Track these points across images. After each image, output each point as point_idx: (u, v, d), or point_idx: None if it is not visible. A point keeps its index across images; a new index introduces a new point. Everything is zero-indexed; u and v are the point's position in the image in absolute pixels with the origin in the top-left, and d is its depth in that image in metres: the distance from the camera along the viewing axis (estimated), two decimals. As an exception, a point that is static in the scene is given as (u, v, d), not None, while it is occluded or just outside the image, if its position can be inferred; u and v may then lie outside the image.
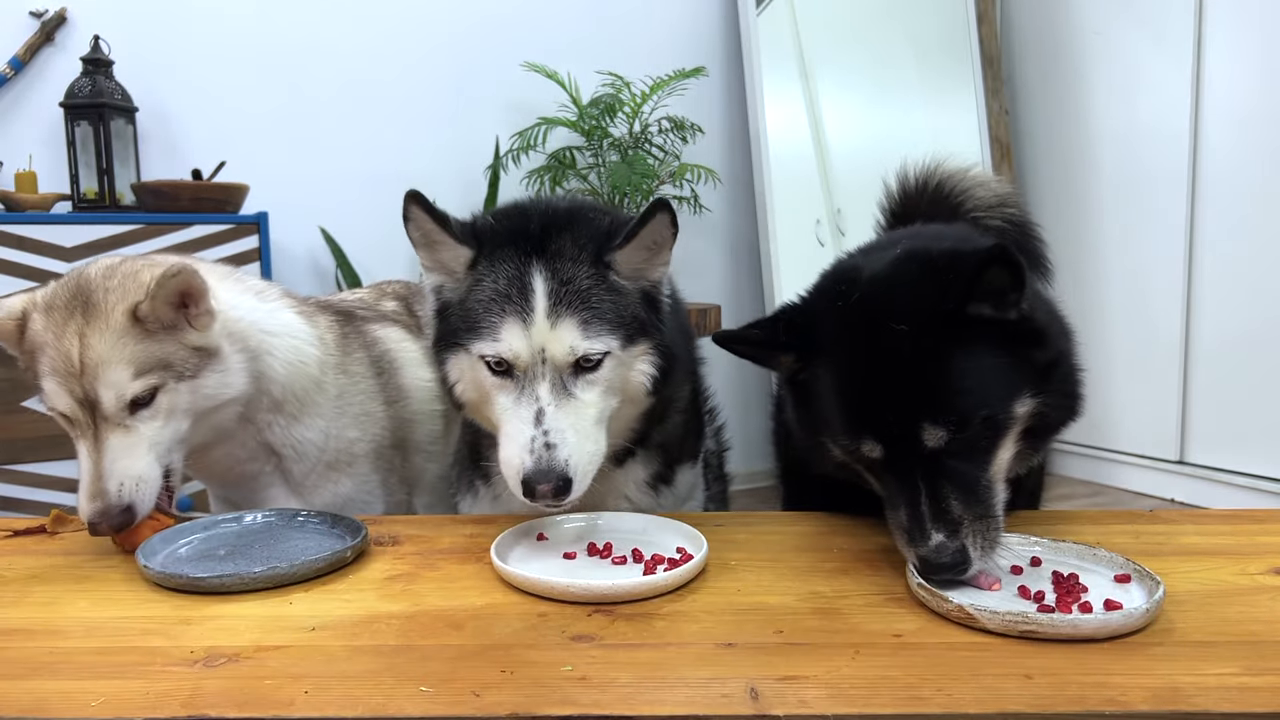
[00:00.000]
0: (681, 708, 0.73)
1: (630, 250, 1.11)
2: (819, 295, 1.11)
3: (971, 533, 0.94)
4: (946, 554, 0.92)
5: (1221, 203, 3.11)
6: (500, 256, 1.11)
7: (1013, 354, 0.99)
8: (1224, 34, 3.08)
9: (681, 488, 1.40)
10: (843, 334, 1.03)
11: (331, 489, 1.46)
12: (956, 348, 0.97)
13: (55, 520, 1.28)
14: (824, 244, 3.62)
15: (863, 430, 0.99)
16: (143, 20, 2.94)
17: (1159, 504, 3.24)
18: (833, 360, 1.04)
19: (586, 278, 1.09)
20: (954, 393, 0.96)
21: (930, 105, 3.81)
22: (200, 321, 1.25)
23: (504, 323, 1.08)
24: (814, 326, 1.06)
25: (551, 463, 1.03)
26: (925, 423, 0.95)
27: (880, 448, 0.99)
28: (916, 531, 0.95)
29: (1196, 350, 3.21)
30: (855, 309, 1.03)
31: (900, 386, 0.97)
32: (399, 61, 3.28)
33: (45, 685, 0.80)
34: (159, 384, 1.21)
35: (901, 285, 1.02)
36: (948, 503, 0.95)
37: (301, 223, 3.15)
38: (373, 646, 0.86)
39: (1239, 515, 1.26)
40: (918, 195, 1.51)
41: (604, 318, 1.09)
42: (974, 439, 0.97)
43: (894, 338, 0.97)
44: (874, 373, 0.99)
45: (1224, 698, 0.73)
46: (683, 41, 3.61)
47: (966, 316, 0.97)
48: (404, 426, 1.57)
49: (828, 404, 1.04)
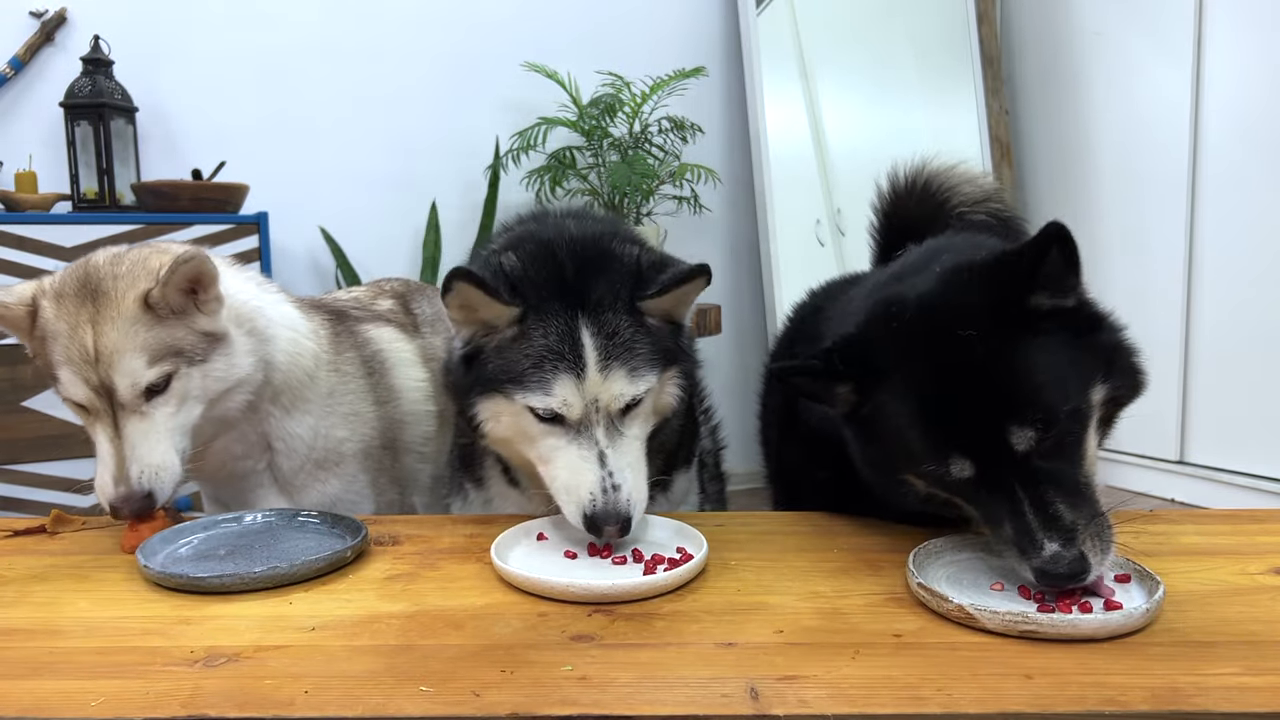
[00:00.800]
0: (681, 708, 0.73)
1: (663, 300, 1.15)
2: (868, 324, 1.06)
3: (1087, 536, 0.89)
4: (1064, 563, 0.87)
5: (1221, 203, 3.11)
6: (546, 310, 1.12)
7: (1079, 342, 0.96)
8: (1224, 34, 3.08)
9: (676, 492, 1.41)
10: (905, 355, 0.99)
11: (319, 488, 1.45)
12: (1027, 343, 0.93)
13: (55, 520, 1.28)
14: (824, 244, 3.62)
15: (948, 450, 0.94)
16: (143, 20, 2.94)
17: (1159, 504, 3.24)
18: (899, 385, 0.99)
19: (627, 326, 1.13)
20: (1034, 389, 0.92)
21: (930, 105, 3.81)
22: (209, 307, 1.26)
23: (557, 378, 1.10)
24: (870, 354, 1.02)
25: (617, 504, 1.08)
26: (1012, 426, 0.90)
27: (970, 464, 0.93)
28: (1027, 543, 0.89)
29: (1196, 350, 3.21)
30: (914, 327, 0.99)
31: (977, 394, 0.93)
32: (399, 61, 3.28)
33: (45, 685, 0.79)
34: (173, 370, 1.21)
35: (956, 293, 0.99)
36: (1054, 508, 0.90)
37: (301, 223, 3.15)
38: (373, 646, 0.86)
39: (1239, 515, 1.26)
40: (907, 194, 1.51)
41: (645, 360, 1.13)
42: (1062, 436, 0.92)
43: (961, 346, 0.94)
44: (946, 387, 0.94)
45: (1224, 698, 0.73)
46: (683, 41, 3.61)
47: (1030, 310, 0.95)
48: (395, 427, 1.57)
49: (901, 433, 0.99)
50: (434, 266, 3.23)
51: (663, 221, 3.33)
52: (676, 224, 3.47)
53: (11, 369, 2.42)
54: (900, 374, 0.99)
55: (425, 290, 1.98)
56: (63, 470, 2.48)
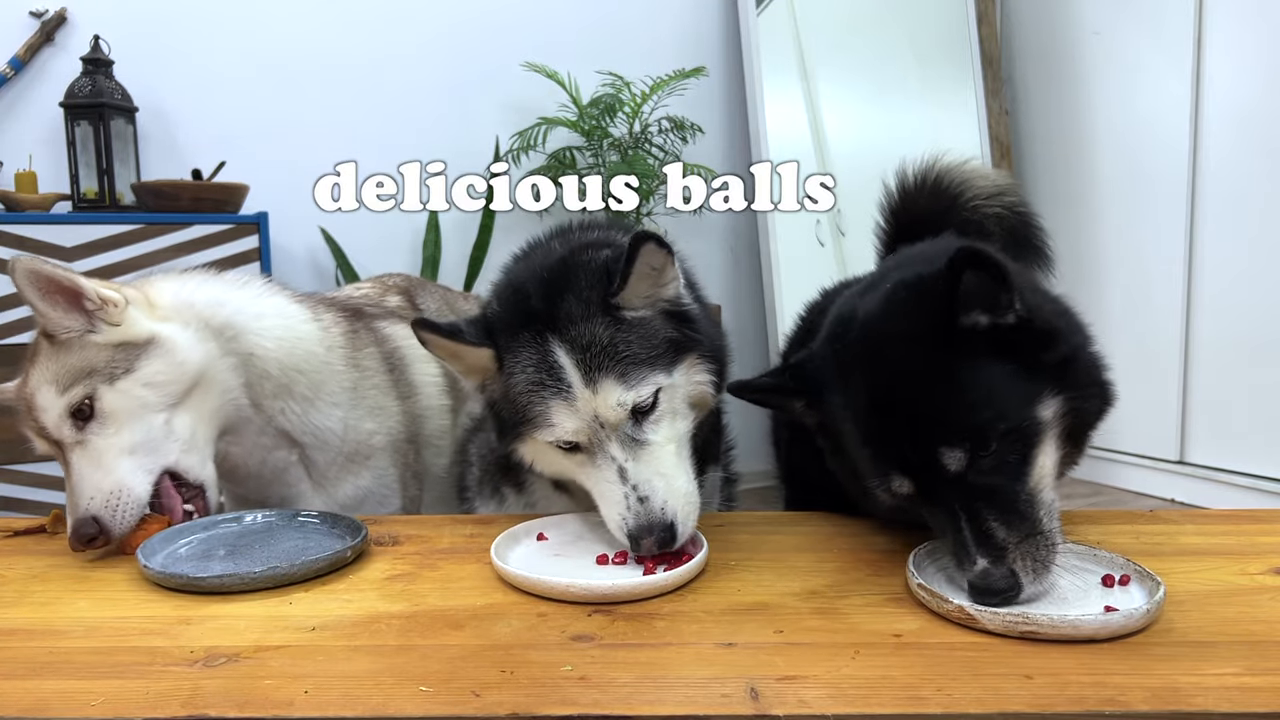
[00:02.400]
0: (681, 708, 0.73)
1: (631, 287, 1.09)
2: (823, 340, 1.08)
3: (1019, 555, 0.90)
4: (993, 579, 0.88)
5: (1221, 203, 3.11)
6: (519, 343, 1.10)
7: (1022, 359, 0.95)
8: (1224, 34, 3.08)
9: (707, 489, 1.40)
10: (845, 374, 1.01)
11: (352, 481, 1.46)
12: (958, 364, 0.93)
13: (55, 520, 1.28)
14: (824, 244, 3.62)
15: (887, 467, 0.97)
16: (143, 20, 2.94)
17: (1159, 504, 3.24)
18: (841, 402, 1.01)
19: (604, 330, 1.07)
20: (964, 410, 0.92)
21: (930, 105, 3.81)
22: (106, 314, 1.22)
23: (551, 408, 1.07)
24: (820, 371, 1.04)
25: (650, 515, 1.04)
26: (941, 447, 0.92)
27: (908, 482, 0.96)
28: (962, 556, 0.92)
29: (1196, 350, 3.21)
30: (854, 347, 1.01)
31: (909, 415, 0.94)
32: (399, 62, 3.28)
33: (45, 685, 0.79)
34: (88, 392, 1.19)
35: (892, 312, 1.00)
36: (987, 525, 0.91)
37: (301, 223, 3.15)
38: (373, 646, 0.86)
39: (1239, 515, 1.26)
40: (917, 191, 1.50)
41: (638, 360, 1.07)
42: (1001, 454, 0.93)
43: (893, 366, 0.96)
44: (881, 406, 0.96)
45: (1224, 698, 0.73)
46: (683, 41, 3.61)
47: (962, 330, 0.94)
48: (416, 422, 1.58)
49: (852, 448, 1.01)
50: (434, 266, 3.23)
51: (663, 221, 3.33)
52: (676, 224, 3.47)
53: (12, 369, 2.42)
54: (841, 392, 1.02)
55: (427, 285, 1.98)
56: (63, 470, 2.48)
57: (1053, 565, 0.92)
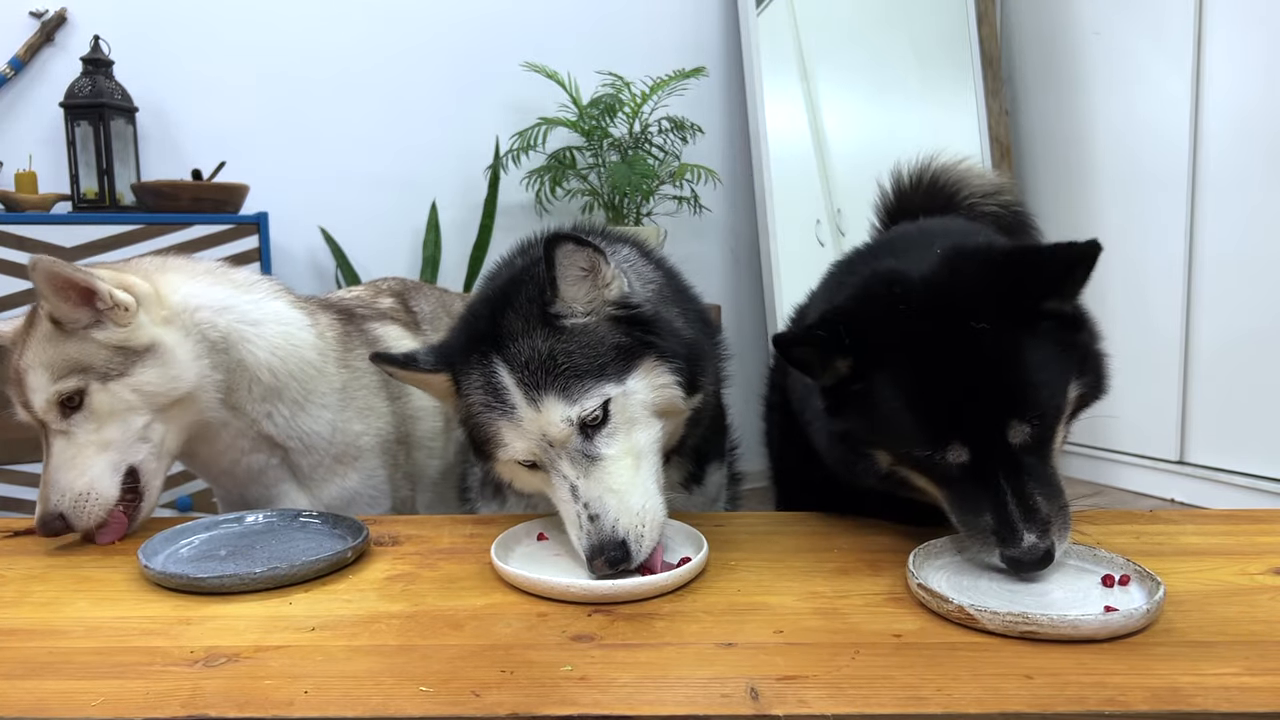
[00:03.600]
0: (681, 708, 0.73)
1: (564, 292, 1.05)
2: (867, 300, 1.05)
3: (1055, 527, 0.94)
4: (1038, 553, 0.93)
5: (1221, 203, 3.11)
6: (469, 366, 1.09)
7: (1064, 341, 1.00)
8: (1224, 34, 3.08)
9: (711, 487, 1.39)
10: (912, 338, 0.98)
11: (339, 483, 1.46)
12: (1030, 341, 0.97)
13: (55, 520, 1.28)
14: (824, 244, 3.62)
15: (947, 437, 0.96)
16: (143, 20, 2.94)
17: (1159, 504, 3.24)
18: (902, 365, 0.99)
19: (543, 344, 1.04)
20: (1035, 387, 0.96)
21: (930, 105, 3.81)
22: (115, 316, 1.23)
23: (502, 429, 1.05)
24: (874, 331, 1.01)
25: (600, 534, 1.00)
26: (1013, 420, 0.94)
27: (967, 452, 0.96)
28: (1007, 533, 0.94)
29: (1196, 350, 3.21)
30: (924, 312, 0.99)
31: (984, 386, 0.95)
32: (399, 61, 3.28)
33: (45, 685, 0.79)
34: (80, 386, 1.21)
35: (970, 283, 1.00)
36: (1034, 500, 0.94)
37: (301, 223, 3.15)
38: (373, 646, 0.86)
39: (1239, 515, 1.26)
40: (913, 190, 1.51)
41: (580, 371, 1.03)
42: (1046, 431, 0.97)
43: (971, 337, 0.96)
44: (953, 375, 0.96)
45: (1224, 698, 0.73)
46: (683, 41, 3.61)
47: (1040, 311, 0.98)
48: (406, 422, 1.57)
49: (897, 412, 0.99)
50: (434, 266, 3.23)
51: (663, 222, 3.33)
52: (676, 224, 3.47)
53: (11, 369, 2.42)
54: (906, 356, 0.99)
55: (422, 288, 1.98)
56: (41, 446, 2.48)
57: (1070, 531, 0.97)
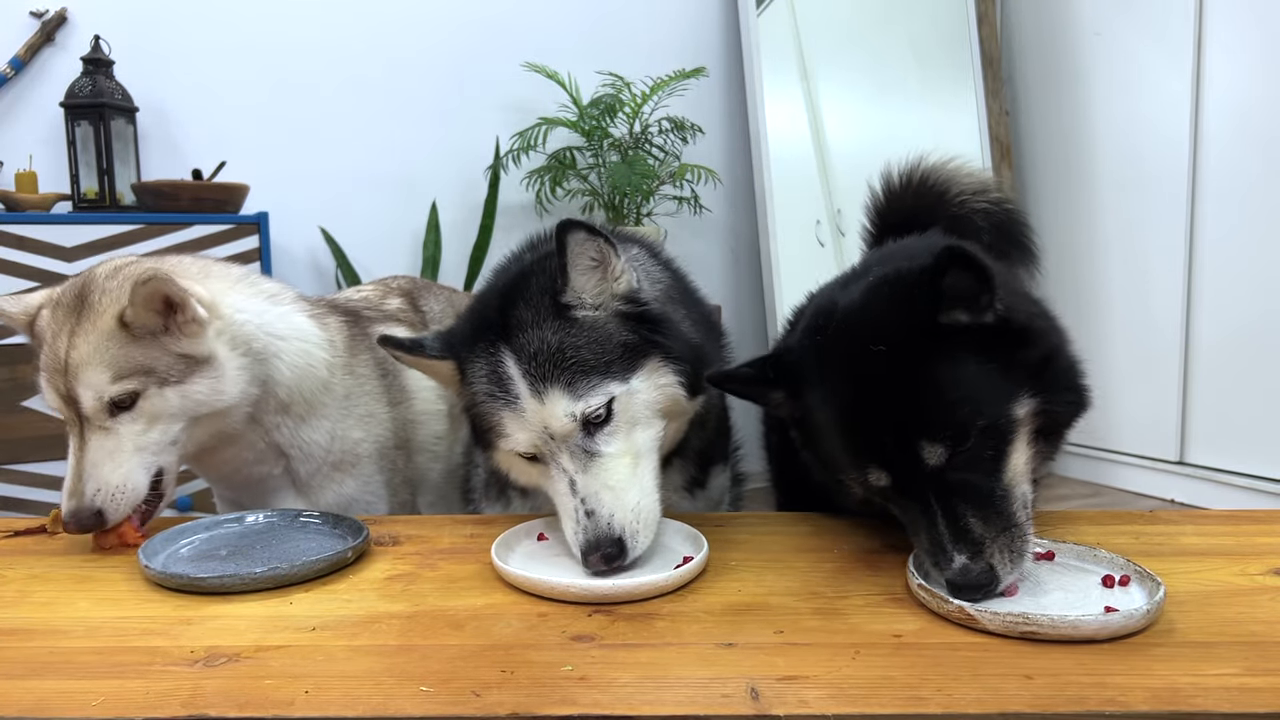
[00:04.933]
0: (681, 708, 0.73)
1: (574, 281, 1.05)
2: (803, 333, 1.08)
3: (996, 549, 0.91)
4: (973, 575, 0.90)
5: (1221, 202, 3.11)
6: (476, 354, 1.09)
7: (999, 358, 0.96)
8: (1224, 34, 3.08)
9: (715, 490, 1.39)
10: (826, 367, 1.02)
11: (336, 489, 1.46)
12: (939, 360, 0.94)
13: (55, 520, 1.28)
14: (824, 244, 3.62)
15: (865, 460, 0.97)
16: (143, 20, 2.94)
17: (1159, 504, 3.24)
18: (821, 394, 1.02)
19: (553, 337, 1.04)
20: (946, 406, 0.93)
21: (930, 105, 3.81)
22: (189, 329, 1.24)
23: (504, 420, 1.06)
24: (799, 364, 1.05)
25: (596, 530, 1.00)
26: (923, 441, 0.93)
27: (886, 475, 0.96)
28: (939, 554, 0.92)
29: (1196, 350, 3.21)
30: (833, 339, 1.01)
31: (890, 408, 0.95)
32: (399, 61, 3.28)
33: (45, 685, 0.80)
34: (139, 389, 1.20)
35: (874, 308, 1.01)
36: (965, 521, 0.92)
37: (301, 223, 3.15)
38: (373, 646, 0.86)
39: (1239, 515, 1.26)
40: (902, 190, 1.51)
41: (587, 368, 1.03)
42: (978, 450, 0.94)
43: (875, 361, 0.96)
44: (861, 399, 0.97)
45: (1224, 698, 0.73)
46: (683, 41, 3.61)
47: (942, 327, 0.95)
48: (407, 427, 1.57)
49: (828, 440, 1.02)
50: (434, 266, 3.23)
51: (663, 222, 3.33)
52: (676, 224, 3.47)
53: (11, 369, 2.42)
54: (822, 385, 1.02)
55: (432, 287, 1.98)
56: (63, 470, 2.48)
57: (1027, 554, 0.94)
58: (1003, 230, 1.47)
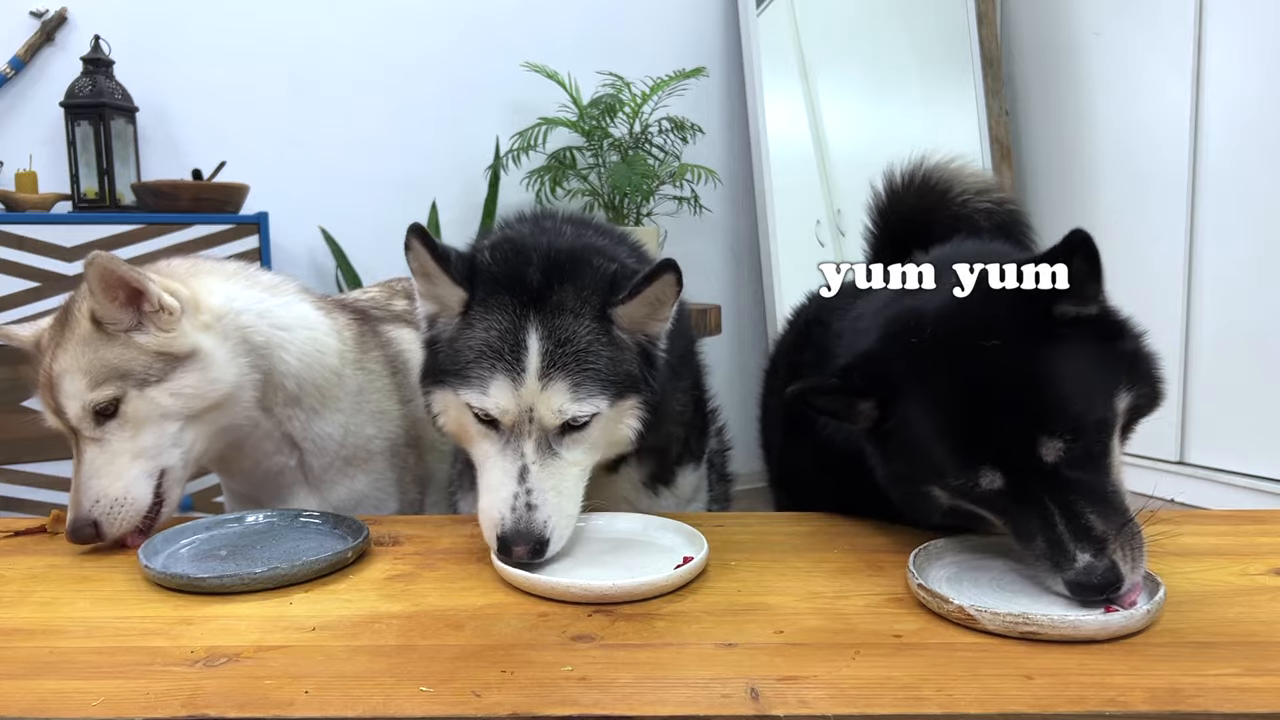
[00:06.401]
0: (681, 708, 0.73)
1: (632, 306, 1.06)
2: (886, 339, 1.04)
3: (1118, 546, 0.87)
4: (1097, 574, 0.86)
5: (1221, 202, 3.11)
6: (495, 304, 1.07)
7: (1102, 350, 0.95)
8: (1224, 34, 3.08)
9: (684, 489, 1.39)
10: (928, 369, 0.97)
11: (348, 485, 1.46)
12: (1054, 354, 0.92)
13: (55, 520, 1.28)
14: (824, 244, 3.62)
15: (976, 463, 0.92)
16: (143, 20, 2.94)
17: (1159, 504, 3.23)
18: (922, 399, 0.97)
19: (585, 335, 1.05)
20: (1062, 399, 0.91)
21: (930, 105, 3.81)
22: (160, 320, 1.21)
23: (494, 378, 1.04)
24: (891, 370, 0.99)
25: (531, 524, 1.01)
26: (1041, 436, 0.89)
27: (999, 476, 0.92)
28: (1060, 556, 0.88)
29: (1196, 350, 3.21)
30: (936, 340, 0.97)
31: (1006, 405, 0.91)
32: (399, 61, 3.28)
33: (45, 685, 0.79)
34: (118, 394, 1.18)
35: (978, 304, 0.97)
36: (1085, 519, 0.88)
37: (301, 223, 3.15)
38: (373, 646, 0.86)
39: (1239, 515, 1.26)
40: (904, 190, 1.50)
41: (596, 379, 1.04)
42: (1090, 445, 0.91)
43: (985, 357, 0.93)
44: (972, 399, 0.93)
45: (1224, 698, 0.73)
46: (683, 41, 3.61)
47: (1054, 319, 0.94)
48: (418, 425, 1.58)
49: (927, 447, 0.97)
50: (434, 266, 3.23)
51: (663, 222, 3.33)
52: (676, 224, 3.47)
53: (12, 369, 2.42)
54: (924, 388, 0.97)
55: None
56: (63, 470, 2.48)
57: (1145, 552, 0.90)
58: (1005, 230, 1.47)
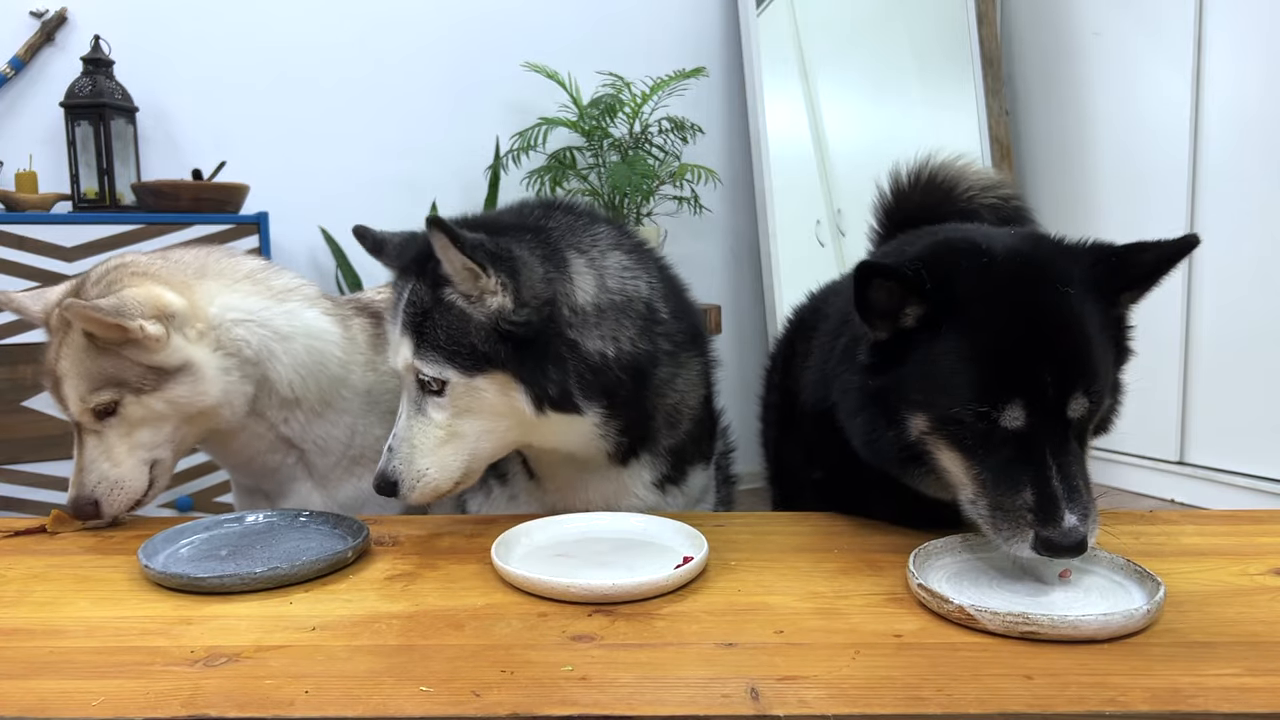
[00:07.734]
0: (682, 708, 0.73)
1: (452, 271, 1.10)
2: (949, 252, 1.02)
3: (1091, 515, 0.92)
4: (1076, 537, 0.89)
5: (1221, 203, 3.11)
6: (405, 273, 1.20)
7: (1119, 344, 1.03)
8: (1224, 34, 3.08)
9: (693, 489, 1.39)
10: (995, 290, 0.97)
11: (355, 484, 1.46)
12: (1104, 325, 0.98)
13: (55, 520, 1.28)
14: (824, 244, 3.62)
15: (1011, 394, 0.93)
16: (143, 20, 2.94)
17: (1159, 504, 3.23)
18: (981, 316, 0.97)
19: (429, 301, 1.13)
20: (1102, 366, 0.96)
21: (930, 105, 3.81)
22: (147, 343, 1.24)
23: (390, 334, 1.20)
24: (954, 279, 0.98)
25: (384, 465, 1.15)
26: (1078, 391, 0.93)
27: (1024, 415, 0.92)
28: (1049, 511, 0.90)
29: (1196, 350, 3.21)
30: (1008, 269, 0.98)
31: (1061, 351, 0.94)
32: (399, 61, 3.28)
33: (45, 685, 0.80)
34: (115, 399, 1.25)
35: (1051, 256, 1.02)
36: (1077, 482, 0.92)
37: (301, 223, 3.14)
38: (373, 646, 0.86)
39: (1239, 515, 1.26)
40: (911, 187, 1.50)
41: (437, 344, 1.11)
42: (1100, 415, 0.97)
43: (1056, 300, 0.96)
44: (1033, 333, 0.94)
45: (1224, 698, 0.73)
46: (683, 41, 3.60)
47: (1117, 300, 1.00)
48: None
49: (962, 364, 0.96)
50: (434, 266, 3.22)
51: (663, 222, 3.33)
52: (677, 224, 3.47)
53: (11, 369, 2.42)
54: (987, 307, 0.98)
55: None
56: (63, 470, 2.48)
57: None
58: (1010, 225, 1.47)
